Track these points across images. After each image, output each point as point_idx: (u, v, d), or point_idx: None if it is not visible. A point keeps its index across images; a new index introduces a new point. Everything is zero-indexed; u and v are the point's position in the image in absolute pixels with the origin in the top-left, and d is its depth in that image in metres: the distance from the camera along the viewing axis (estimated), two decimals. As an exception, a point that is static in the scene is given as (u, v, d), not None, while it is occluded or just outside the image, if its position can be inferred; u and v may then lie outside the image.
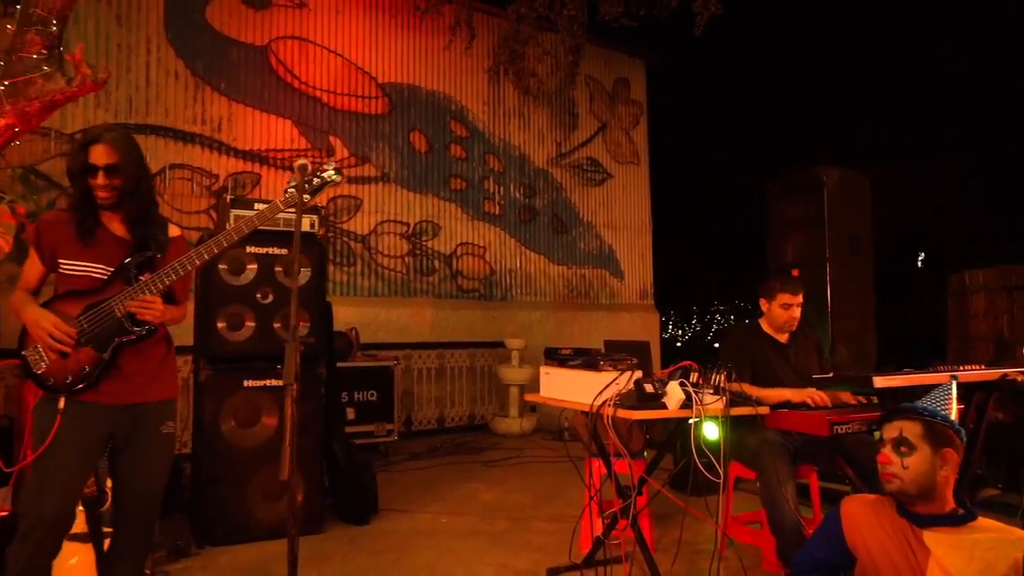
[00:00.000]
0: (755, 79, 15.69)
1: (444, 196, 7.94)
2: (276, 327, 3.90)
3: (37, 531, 2.22)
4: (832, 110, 16.02)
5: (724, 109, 16.01)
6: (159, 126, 6.43)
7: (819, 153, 13.99)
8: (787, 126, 17.29)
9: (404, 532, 4.06)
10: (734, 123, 16.51)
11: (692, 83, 13.75)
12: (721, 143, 15.74)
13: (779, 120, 17.52)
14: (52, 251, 2.40)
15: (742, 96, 16.63)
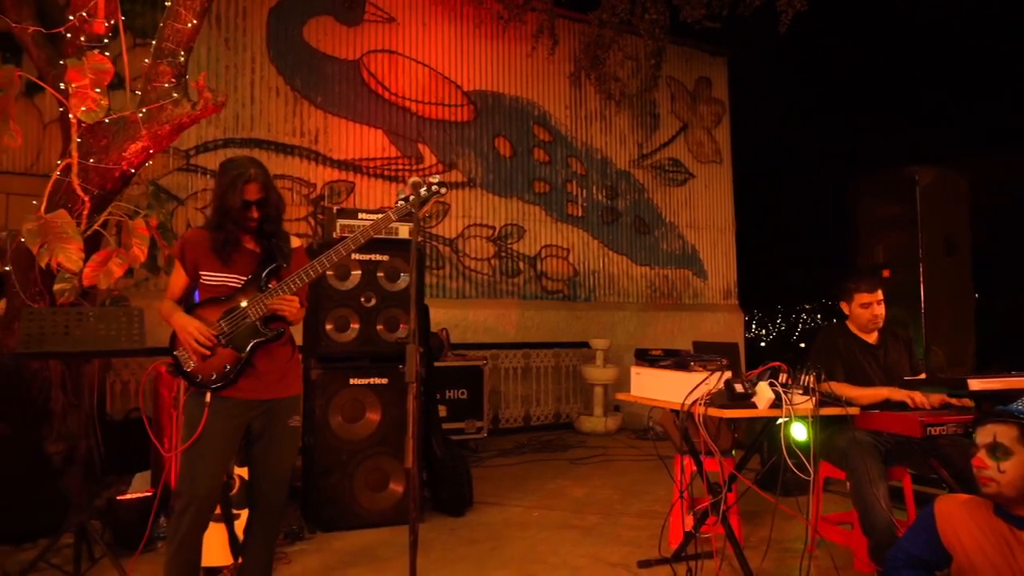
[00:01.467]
0: (842, 72, 15.15)
1: (528, 199, 8.14)
2: (379, 329, 4.18)
3: (191, 507, 2.54)
4: (929, 102, 15.30)
5: (809, 104, 15.54)
6: (263, 140, 6.88)
7: (912, 148, 13.42)
8: (876, 120, 16.63)
9: (498, 524, 4.26)
10: (820, 118, 15.99)
11: (776, 78, 13.43)
12: (807, 139, 15.29)
13: (868, 114, 16.89)
14: (195, 265, 2.72)
15: (828, 90, 16.08)
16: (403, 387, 4.16)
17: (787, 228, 16.80)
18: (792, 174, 16.04)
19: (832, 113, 16.78)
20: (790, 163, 16.14)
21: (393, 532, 4.06)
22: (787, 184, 16.11)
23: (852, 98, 16.96)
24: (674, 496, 3.64)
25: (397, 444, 4.21)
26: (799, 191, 15.91)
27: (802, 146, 15.51)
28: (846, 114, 17.01)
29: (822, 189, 15.14)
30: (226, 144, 6.65)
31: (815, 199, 15.84)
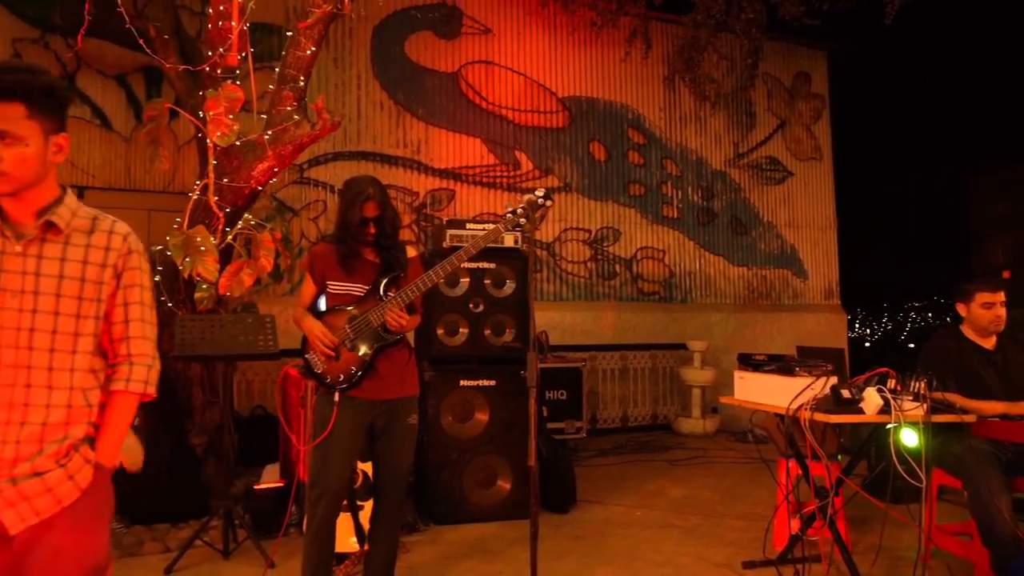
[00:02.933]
0: (956, 64, 14.27)
1: (624, 202, 8.22)
2: (486, 333, 4.40)
3: (325, 498, 2.82)
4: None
5: (918, 97, 14.74)
6: (369, 152, 7.26)
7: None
8: (994, 114, 15.60)
9: (601, 521, 4.40)
10: (931, 112, 15.14)
11: (880, 71, 12.86)
12: (914, 133, 14.52)
13: (986, 108, 15.86)
14: (322, 275, 3.01)
15: (941, 82, 15.19)
16: (510, 389, 4.39)
17: (894, 225, 16.05)
18: (899, 169, 15.31)
19: (945, 106, 15.91)
20: (897, 158, 15.41)
21: (501, 526, 4.27)
22: (894, 179, 15.39)
23: (969, 91, 16.01)
24: (778, 499, 3.67)
25: (504, 443, 4.41)
26: (907, 186, 15.15)
27: (910, 140, 14.77)
28: (962, 107, 16.06)
29: (932, 185, 14.38)
30: (335, 157, 7.07)
31: (924, 195, 15.05)
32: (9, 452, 1.55)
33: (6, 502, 1.54)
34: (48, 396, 1.60)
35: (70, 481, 1.61)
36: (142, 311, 1.75)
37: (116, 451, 1.72)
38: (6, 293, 1.58)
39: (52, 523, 1.59)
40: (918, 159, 15.17)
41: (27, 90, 1.55)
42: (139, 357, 1.74)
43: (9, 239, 1.60)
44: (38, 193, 1.63)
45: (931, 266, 14.93)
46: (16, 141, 1.54)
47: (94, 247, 1.67)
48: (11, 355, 1.57)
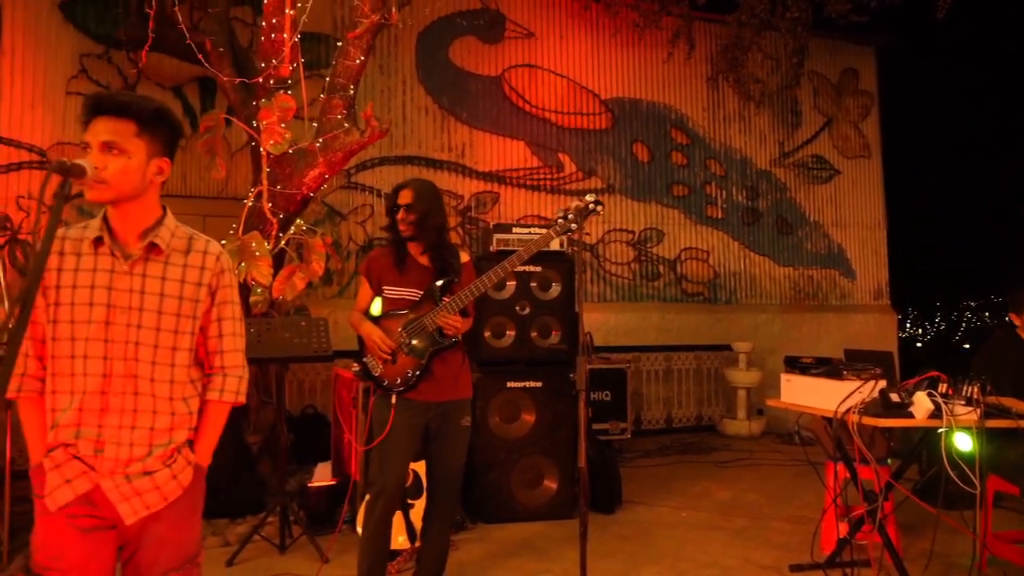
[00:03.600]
0: (1011, 58, 13.77)
1: (667, 203, 8.20)
2: (533, 336, 4.47)
3: (383, 496, 2.92)
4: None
5: (972, 91, 14.25)
6: (414, 156, 7.39)
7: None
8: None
9: (647, 522, 4.43)
10: (985, 106, 14.64)
11: (932, 65, 12.52)
12: (970, 129, 14.06)
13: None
14: (378, 280, 3.11)
15: (995, 76, 14.68)
16: (556, 390, 4.45)
17: (948, 222, 15.57)
18: (953, 166, 14.85)
19: (1001, 100, 15.38)
20: (950, 154, 14.97)
21: (547, 526, 4.33)
22: (947, 176, 14.94)
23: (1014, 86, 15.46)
24: (826, 502, 3.65)
25: (550, 444, 4.47)
26: (961, 183, 14.69)
27: (964, 136, 14.33)
28: (1018, 102, 15.51)
29: (988, 181, 13.94)
30: (382, 162, 7.21)
31: (980, 191, 14.59)
32: (124, 453, 1.72)
33: (122, 496, 1.71)
34: (153, 403, 1.75)
35: (174, 480, 1.77)
36: (234, 325, 1.89)
37: (211, 454, 1.88)
38: (116, 309, 1.72)
39: (158, 516, 1.76)
40: (972, 155, 14.71)
41: (139, 111, 1.71)
42: (231, 369, 1.89)
43: (118, 259, 1.75)
44: (141, 213, 1.77)
45: (987, 263, 14.45)
46: (121, 153, 1.69)
47: (190, 267, 1.81)
48: (121, 366, 1.72)
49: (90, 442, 1.70)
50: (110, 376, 1.72)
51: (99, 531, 1.72)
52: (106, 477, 1.71)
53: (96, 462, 1.71)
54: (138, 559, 1.77)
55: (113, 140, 1.68)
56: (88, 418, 1.70)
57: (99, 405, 1.71)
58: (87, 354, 1.71)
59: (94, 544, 1.72)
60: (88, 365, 1.71)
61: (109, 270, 1.74)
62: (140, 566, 1.77)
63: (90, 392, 1.71)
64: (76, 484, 1.70)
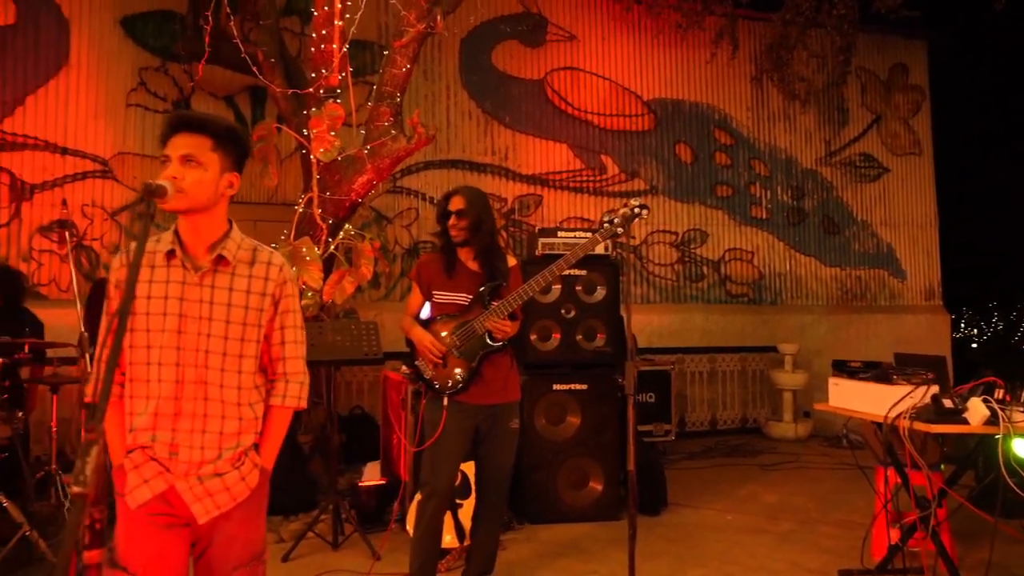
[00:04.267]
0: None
1: (711, 204, 8.15)
2: (578, 339, 4.51)
3: (435, 496, 3.01)
4: None
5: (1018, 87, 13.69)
6: (458, 160, 7.49)
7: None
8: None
9: (692, 524, 4.43)
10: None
11: (985, 59, 12.12)
12: (1022, 123, 13.55)
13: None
14: (428, 285, 3.19)
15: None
16: (601, 393, 4.49)
17: (1004, 219, 15.03)
18: (1008, 161, 14.35)
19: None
20: (1005, 150, 14.46)
21: (593, 527, 4.37)
22: (1002, 172, 14.44)
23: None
24: (876, 507, 3.61)
25: (596, 446, 4.51)
26: (1017, 179, 14.18)
27: (1020, 131, 13.82)
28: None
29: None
30: (427, 166, 7.33)
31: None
32: (196, 455, 1.82)
33: (195, 496, 1.82)
34: (222, 408, 1.85)
35: (242, 482, 1.87)
36: (295, 333, 1.98)
37: (275, 457, 1.98)
38: (187, 319, 1.83)
39: (228, 516, 1.86)
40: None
41: (215, 128, 1.84)
42: (293, 375, 1.97)
43: (189, 271, 1.85)
44: (210, 227, 1.88)
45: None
46: (199, 165, 1.81)
47: (255, 278, 1.90)
48: (192, 373, 1.83)
49: (165, 445, 1.81)
50: (182, 382, 1.82)
51: (174, 528, 1.83)
52: (180, 478, 1.81)
53: (171, 464, 1.81)
54: (209, 556, 1.87)
55: (191, 153, 1.80)
56: (163, 422, 1.81)
57: (173, 410, 1.81)
58: (161, 361, 1.81)
59: (170, 540, 1.83)
60: (162, 372, 1.81)
61: (181, 281, 1.84)
62: (211, 563, 1.87)
63: (164, 398, 1.81)
64: (153, 484, 1.81)
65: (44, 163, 6.21)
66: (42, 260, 6.17)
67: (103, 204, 6.35)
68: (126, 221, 6.39)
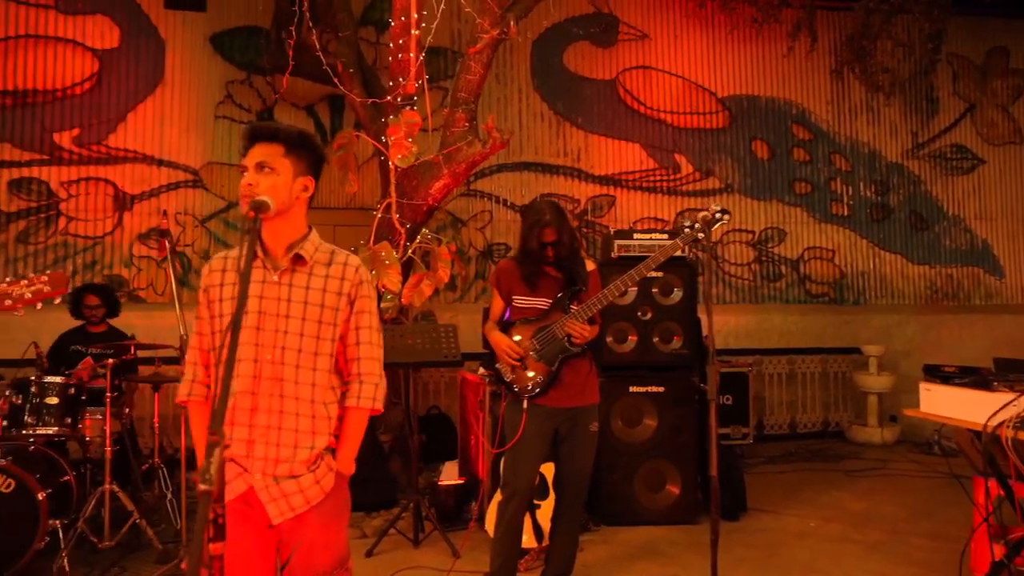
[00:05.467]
0: None
1: (788, 201, 7.93)
2: (655, 341, 4.48)
3: (515, 497, 3.06)
4: None
5: None
6: (530, 162, 7.53)
7: None
8: None
9: (774, 531, 4.34)
10: None
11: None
12: None
13: None
14: (508, 291, 3.24)
15: None
16: (678, 395, 4.45)
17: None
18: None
19: None
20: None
21: (670, 530, 4.34)
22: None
23: None
24: (975, 520, 3.45)
25: (673, 448, 4.48)
26: None
27: None
28: None
29: None
30: (499, 169, 7.40)
31: None
32: (272, 453, 1.86)
33: (271, 497, 1.86)
34: (296, 406, 1.88)
35: (317, 485, 1.90)
36: (371, 334, 2.01)
37: (352, 461, 1.99)
38: (265, 316, 1.90)
39: (303, 519, 1.89)
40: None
41: (285, 135, 1.92)
42: (368, 376, 1.99)
43: (269, 271, 1.93)
44: (289, 229, 1.95)
45: None
46: (272, 171, 1.88)
47: (331, 278, 1.95)
48: (269, 369, 1.88)
49: (243, 442, 1.86)
50: (259, 378, 1.87)
51: (257, 530, 1.87)
52: (257, 478, 1.85)
53: (248, 462, 1.86)
54: (294, 564, 1.90)
55: (264, 160, 1.88)
56: (240, 417, 1.86)
57: (250, 405, 1.86)
58: (240, 357, 1.84)
59: (255, 541, 1.88)
60: (240, 367, 1.85)
61: (261, 281, 1.91)
62: (295, 569, 1.90)
63: (241, 392, 1.86)
64: (235, 485, 1.86)
65: (143, 175, 6.60)
66: (141, 266, 6.56)
67: (194, 212, 6.69)
68: (215, 227, 6.72)
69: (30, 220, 6.40)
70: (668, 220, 7.64)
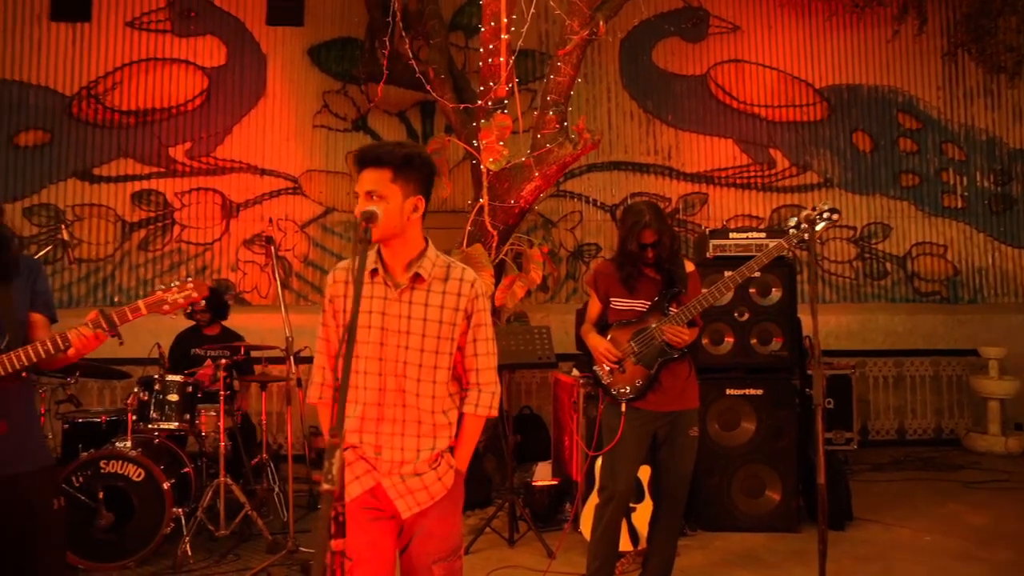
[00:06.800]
0: None
1: (894, 195, 7.52)
2: (752, 343, 4.35)
3: (614, 500, 3.05)
4: None
5: None
6: (620, 162, 7.47)
7: None
8: None
9: (883, 543, 4.13)
10: None
11: None
12: None
13: None
14: (606, 293, 3.21)
15: None
16: (778, 398, 4.32)
17: None
18: None
19: None
20: None
21: (770, 538, 4.20)
22: None
23: None
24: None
25: (772, 453, 4.34)
26: None
27: None
28: None
29: None
30: (589, 169, 7.37)
31: None
32: (397, 456, 2.00)
33: (398, 493, 1.99)
34: (418, 415, 2.00)
35: (439, 482, 2.02)
36: (487, 346, 2.09)
37: (468, 460, 2.11)
38: (388, 332, 2.00)
39: (426, 513, 2.01)
40: None
41: (391, 159, 1.96)
42: (485, 385, 2.08)
43: (390, 288, 2.02)
44: (406, 248, 2.02)
45: None
46: (381, 199, 1.94)
47: (448, 294, 2.03)
48: (392, 382, 2.00)
49: (371, 446, 2.00)
50: (384, 390, 1.99)
51: (381, 521, 2.01)
52: (385, 476, 1.99)
53: (376, 463, 2.00)
54: (411, 550, 2.04)
55: (373, 188, 1.93)
56: (368, 426, 2.00)
57: (376, 415, 2.00)
58: (366, 370, 2.00)
59: (378, 532, 2.01)
60: (367, 380, 2.00)
61: (383, 297, 2.01)
62: (413, 556, 2.04)
63: (368, 403, 2.00)
64: (363, 480, 2.00)
65: (247, 183, 6.96)
66: (246, 270, 6.91)
67: (294, 218, 7.00)
68: (314, 232, 7.01)
69: (149, 229, 6.87)
70: (763, 217, 7.40)
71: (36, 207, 6.80)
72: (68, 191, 6.85)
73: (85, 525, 3.67)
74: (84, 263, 6.73)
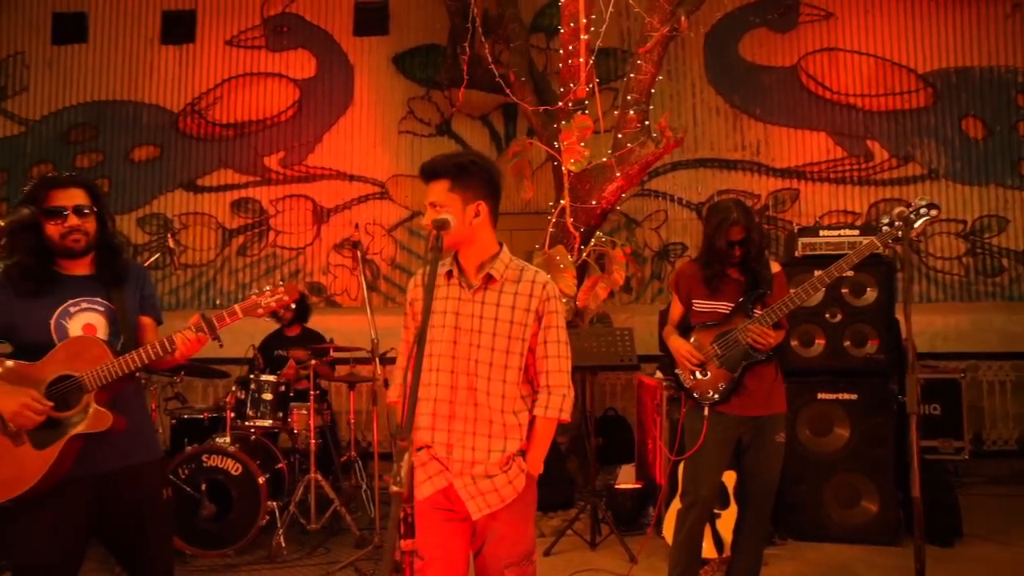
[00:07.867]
0: None
1: (1011, 184, 6.96)
2: (845, 345, 4.15)
3: (696, 506, 2.98)
4: None
5: None
6: (706, 159, 7.27)
7: None
8: None
9: (1000, 562, 3.84)
10: None
11: None
12: None
13: None
14: (688, 294, 3.14)
15: None
16: (873, 403, 4.11)
17: None
18: None
19: None
20: None
21: (866, 551, 3.99)
22: None
23: None
24: None
25: (868, 461, 4.12)
26: None
27: None
28: None
29: None
30: (674, 167, 7.22)
31: None
32: (468, 455, 2.02)
33: (470, 495, 2.02)
34: (489, 414, 2.02)
35: (510, 485, 2.03)
36: (559, 348, 2.09)
37: (540, 463, 2.11)
38: (461, 331, 2.04)
39: (497, 515, 2.03)
40: None
41: (446, 169, 2.02)
42: (556, 388, 2.08)
43: (464, 289, 2.07)
44: (478, 251, 2.07)
45: None
46: (443, 208, 1.99)
47: (520, 295, 2.06)
48: (464, 380, 2.03)
49: (442, 445, 2.03)
50: (455, 388, 2.02)
51: (453, 522, 2.04)
52: (457, 477, 2.01)
53: (448, 463, 2.02)
54: (484, 553, 2.06)
55: (435, 200, 2.00)
56: (439, 423, 2.03)
57: (448, 412, 2.03)
58: (439, 368, 2.03)
59: (451, 532, 2.04)
60: (439, 377, 2.03)
61: (457, 298, 2.06)
62: (486, 559, 2.06)
63: (440, 400, 2.03)
64: (436, 480, 2.04)
65: (337, 190, 7.23)
66: (336, 273, 7.17)
67: (381, 222, 7.21)
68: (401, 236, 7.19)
69: (247, 235, 7.24)
70: (859, 213, 7.03)
71: (148, 217, 7.31)
72: (175, 201, 7.32)
73: (190, 514, 3.91)
74: (189, 268, 7.16)
